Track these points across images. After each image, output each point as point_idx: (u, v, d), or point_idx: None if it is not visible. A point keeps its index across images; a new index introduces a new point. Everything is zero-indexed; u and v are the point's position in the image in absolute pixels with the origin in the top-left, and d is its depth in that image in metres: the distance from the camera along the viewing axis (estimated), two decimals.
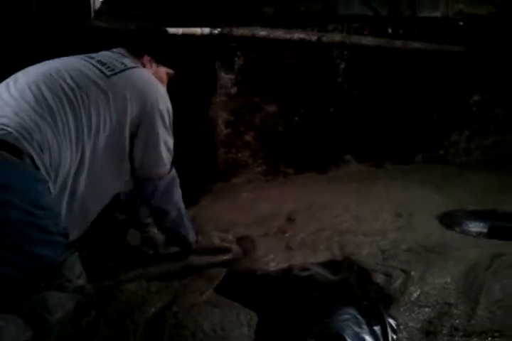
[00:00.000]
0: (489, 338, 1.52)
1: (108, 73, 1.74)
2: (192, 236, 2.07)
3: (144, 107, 1.76)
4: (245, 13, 3.36)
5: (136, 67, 1.84)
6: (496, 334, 1.53)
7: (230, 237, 2.30)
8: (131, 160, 1.82)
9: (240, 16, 3.33)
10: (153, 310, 1.66)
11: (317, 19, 3.64)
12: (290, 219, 2.66)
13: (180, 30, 3.02)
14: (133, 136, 1.78)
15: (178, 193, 1.98)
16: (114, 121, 1.71)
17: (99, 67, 1.76)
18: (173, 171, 1.95)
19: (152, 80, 1.85)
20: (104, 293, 1.78)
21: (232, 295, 1.80)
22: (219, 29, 3.21)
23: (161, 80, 1.95)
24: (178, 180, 1.97)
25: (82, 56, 1.84)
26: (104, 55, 1.86)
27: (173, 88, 2.07)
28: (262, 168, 3.69)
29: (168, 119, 1.85)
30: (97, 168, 1.70)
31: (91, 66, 1.76)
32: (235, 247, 2.19)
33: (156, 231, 2.23)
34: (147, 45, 1.97)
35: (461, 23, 3.86)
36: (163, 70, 1.99)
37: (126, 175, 1.85)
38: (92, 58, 1.81)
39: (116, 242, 2.17)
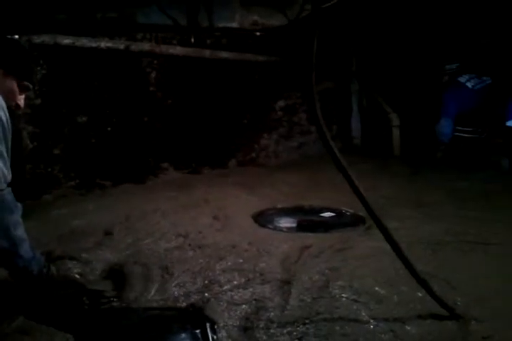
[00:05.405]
0: (301, 325, 1.62)
1: None
2: (35, 268, 1.80)
3: None
4: (37, 21, 3.14)
5: None
6: (307, 321, 1.64)
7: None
8: None
9: (33, 24, 3.11)
10: None
11: (124, 27, 3.59)
12: (107, 233, 2.56)
13: None
14: None
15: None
16: None
17: None
18: None
19: None
20: None
21: (46, 319, 1.67)
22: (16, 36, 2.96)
23: (8, 91, 1.79)
24: None
25: None
26: None
27: None
28: (75, 181, 3.50)
29: None
30: None
31: None
32: None
33: None
34: None
35: (258, 34, 4.11)
36: (13, 82, 1.80)
37: None
38: None
39: None
